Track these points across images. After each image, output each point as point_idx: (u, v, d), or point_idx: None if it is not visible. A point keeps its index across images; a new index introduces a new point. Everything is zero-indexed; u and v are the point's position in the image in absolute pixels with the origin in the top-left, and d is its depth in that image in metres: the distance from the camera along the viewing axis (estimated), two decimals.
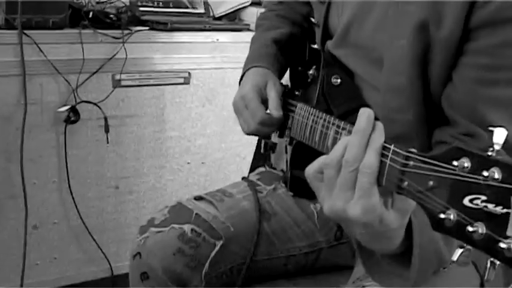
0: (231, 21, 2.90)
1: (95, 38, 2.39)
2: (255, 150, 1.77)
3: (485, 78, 1.15)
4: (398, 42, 1.21)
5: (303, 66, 1.57)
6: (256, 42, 1.67)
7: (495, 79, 1.14)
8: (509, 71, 1.13)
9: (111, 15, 2.46)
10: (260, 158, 1.73)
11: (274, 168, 1.64)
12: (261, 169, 1.68)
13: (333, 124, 1.21)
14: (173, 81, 2.60)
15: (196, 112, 2.68)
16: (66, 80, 2.36)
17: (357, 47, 1.33)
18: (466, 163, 0.79)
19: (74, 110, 2.38)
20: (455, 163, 0.81)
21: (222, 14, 2.93)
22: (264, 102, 1.47)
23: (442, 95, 1.22)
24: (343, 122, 1.16)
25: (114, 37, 2.39)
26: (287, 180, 1.49)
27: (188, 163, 2.73)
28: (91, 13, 2.43)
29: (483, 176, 0.77)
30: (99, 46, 2.40)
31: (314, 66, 1.50)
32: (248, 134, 1.52)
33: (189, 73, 2.62)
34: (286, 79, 1.64)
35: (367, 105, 1.31)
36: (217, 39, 2.64)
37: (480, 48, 1.14)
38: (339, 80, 1.37)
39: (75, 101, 2.39)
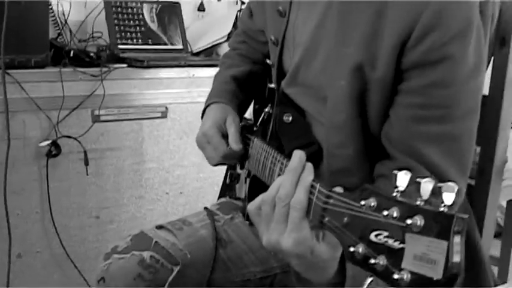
0: (208, 56, 3.02)
1: (74, 76, 2.50)
2: (223, 180, 1.88)
3: (418, 116, 1.24)
4: (339, 82, 1.29)
5: (260, 103, 1.69)
6: (218, 79, 1.78)
7: (427, 116, 1.23)
8: (439, 108, 1.23)
9: (91, 54, 2.58)
10: (226, 188, 1.83)
11: (238, 198, 1.74)
12: (222, 199, 1.78)
13: (279, 161, 1.33)
14: (151, 116, 2.71)
15: (174, 145, 2.79)
16: (48, 116, 2.47)
17: (305, 86, 1.42)
18: (373, 202, 0.91)
19: (55, 144, 2.49)
20: (363, 202, 0.92)
21: (199, 50, 3.05)
22: (225, 136, 1.58)
23: (381, 131, 1.31)
24: (286, 160, 1.28)
25: (92, 75, 2.51)
26: (245, 210, 1.59)
27: (167, 193, 2.83)
28: (72, 52, 2.56)
29: (383, 214, 0.88)
30: (78, 83, 2.51)
31: (269, 104, 1.61)
32: (213, 165, 1.63)
33: (166, 107, 2.73)
34: (250, 112, 1.76)
35: (316, 141, 1.42)
36: (193, 75, 2.75)
37: (412, 88, 1.23)
38: (290, 118, 1.46)
39: (56, 135, 2.50)
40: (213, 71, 2.71)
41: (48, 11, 2.54)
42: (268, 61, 1.61)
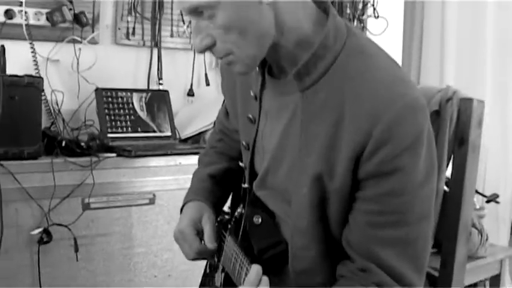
0: (196, 142, 3.13)
1: (65, 166, 2.61)
2: (204, 269, 1.96)
3: (374, 221, 1.33)
4: (302, 190, 1.38)
5: (233, 203, 1.79)
6: (196, 177, 1.87)
7: (383, 222, 1.32)
8: (394, 214, 1.32)
9: (82, 144, 2.70)
10: (206, 277, 1.92)
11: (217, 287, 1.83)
12: None
13: (244, 266, 1.44)
14: (139, 202, 2.80)
15: (162, 230, 2.87)
16: (39, 205, 2.56)
17: (273, 190, 1.51)
18: None
19: (46, 231, 2.57)
20: None
21: (187, 136, 3.16)
22: (200, 233, 1.68)
23: (342, 235, 1.40)
24: (250, 266, 1.37)
25: (82, 166, 2.62)
26: None
27: (155, 276, 2.90)
28: (64, 142, 2.68)
29: None
30: (69, 173, 2.61)
31: (241, 204, 1.72)
32: (190, 260, 1.72)
33: (154, 194, 2.83)
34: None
35: (284, 241, 1.51)
36: (180, 163, 2.86)
37: (368, 196, 1.33)
38: (259, 220, 1.55)
39: (48, 223, 2.58)
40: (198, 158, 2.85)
41: (41, 106, 2.67)
42: (241, 164, 1.70)
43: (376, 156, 1.29)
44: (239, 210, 1.71)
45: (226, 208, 1.87)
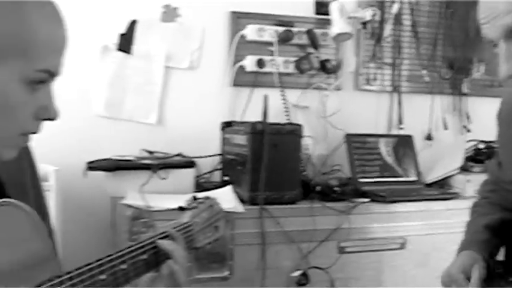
0: (441, 188, 3.16)
1: (323, 211, 2.72)
2: None
3: None
4: None
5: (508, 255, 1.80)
6: (470, 228, 1.90)
7: None
8: None
9: (336, 188, 2.80)
10: None
11: None
12: None
13: None
14: (391, 247, 2.84)
15: (410, 275, 2.87)
16: (299, 248, 2.68)
17: None
18: None
19: (304, 274, 2.68)
20: None
21: (432, 181, 3.20)
22: (468, 279, 1.73)
23: None
24: None
25: (339, 211, 2.72)
26: None
27: None
28: (318, 187, 2.80)
29: None
30: (326, 218, 2.71)
31: None
32: None
33: (405, 239, 2.85)
34: None
35: None
36: (430, 208, 2.89)
37: None
38: None
39: (306, 266, 2.69)
40: (446, 204, 2.86)
41: (300, 153, 2.80)
42: None
43: None
44: None
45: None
